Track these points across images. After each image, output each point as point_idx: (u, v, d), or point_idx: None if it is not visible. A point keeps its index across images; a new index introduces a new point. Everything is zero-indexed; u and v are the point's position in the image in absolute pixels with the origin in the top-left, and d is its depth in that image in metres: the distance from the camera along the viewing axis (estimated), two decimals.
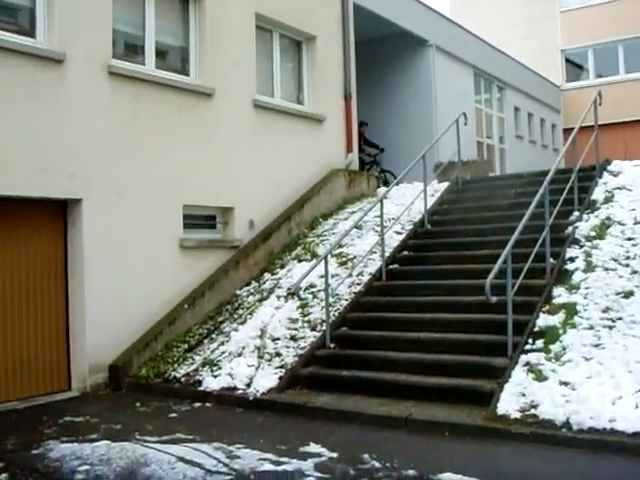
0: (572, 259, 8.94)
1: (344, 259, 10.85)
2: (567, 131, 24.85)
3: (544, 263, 8.78)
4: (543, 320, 7.88)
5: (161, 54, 10.82)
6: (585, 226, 9.57)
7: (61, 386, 9.26)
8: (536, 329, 7.79)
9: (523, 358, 7.36)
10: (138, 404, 8.48)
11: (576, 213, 9.94)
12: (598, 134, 11.29)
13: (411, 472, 5.69)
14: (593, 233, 9.38)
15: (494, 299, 7.33)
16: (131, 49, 10.56)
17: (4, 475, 5.92)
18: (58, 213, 9.33)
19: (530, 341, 7.63)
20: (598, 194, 10.51)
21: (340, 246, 10.82)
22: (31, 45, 8.76)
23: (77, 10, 9.20)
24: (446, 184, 13.14)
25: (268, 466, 5.97)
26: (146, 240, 9.92)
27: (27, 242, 8.99)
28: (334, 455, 6.21)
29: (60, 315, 9.31)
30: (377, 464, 5.93)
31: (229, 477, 5.74)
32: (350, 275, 10.20)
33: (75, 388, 9.28)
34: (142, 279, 9.82)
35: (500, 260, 7.63)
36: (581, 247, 9.14)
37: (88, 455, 6.38)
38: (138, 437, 6.94)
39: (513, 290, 7.74)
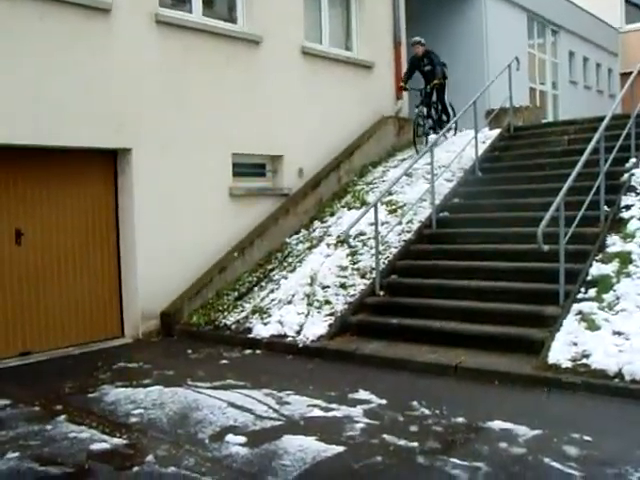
0: (627, 207, 8.70)
1: (394, 207, 10.77)
2: (625, 76, 24.15)
3: (598, 211, 8.59)
4: (596, 269, 7.73)
5: (208, 2, 10.71)
6: None
7: (114, 333, 9.46)
8: (589, 278, 7.66)
9: (575, 307, 7.26)
10: (189, 351, 8.63)
11: (633, 160, 9.67)
12: None
13: (460, 419, 5.69)
14: None
15: (546, 247, 7.22)
16: None
17: (63, 417, 6.09)
18: (109, 163, 9.41)
19: (582, 290, 7.51)
20: None
21: (390, 194, 10.74)
22: None
23: None
24: (497, 131, 12.91)
25: (317, 412, 6.03)
26: (196, 188, 9.96)
27: (79, 192, 9.12)
28: (383, 402, 6.24)
29: (112, 263, 9.47)
30: (426, 411, 5.94)
31: (279, 423, 5.81)
32: (400, 223, 10.14)
33: (128, 335, 9.47)
34: (192, 227, 9.89)
35: (552, 208, 7.49)
36: (637, 195, 8.90)
37: (142, 399, 6.52)
38: (190, 383, 7.07)
39: (566, 238, 7.61)
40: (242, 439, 5.39)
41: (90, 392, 6.85)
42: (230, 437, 5.43)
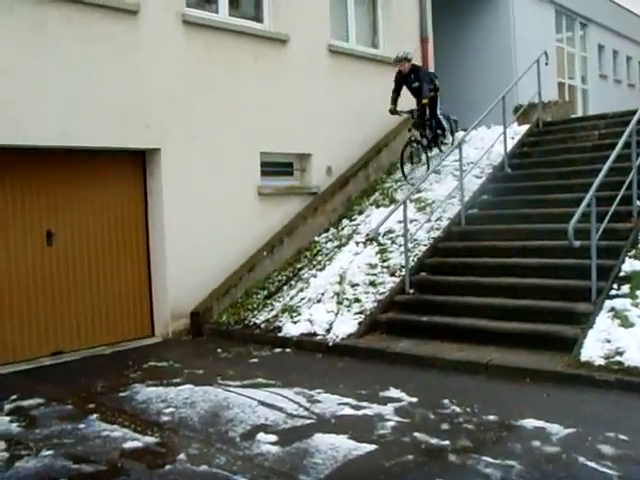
0: None
1: (423, 204, 10.72)
2: None
3: (630, 206, 8.48)
4: (629, 265, 7.64)
5: (234, 1, 10.74)
6: None
7: (145, 332, 9.51)
8: (622, 274, 7.57)
9: (608, 304, 7.18)
10: (219, 350, 8.65)
11: None
12: None
13: (492, 417, 5.64)
14: None
15: (577, 243, 7.14)
16: None
17: (95, 415, 6.14)
18: (137, 163, 9.47)
19: (615, 286, 7.43)
20: None
21: (418, 191, 10.69)
22: None
23: None
24: (526, 126, 12.80)
25: (348, 410, 6.01)
26: (224, 188, 9.99)
27: (108, 192, 9.18)
28: (414, 400, 6.21)
29: (142, 263, 9.53)
30: (457, 409, 5.90)
31: (310, 421, 5.81)
32: (429, 220, 10.09)
33: (158, 334, 9.53)
34: (221, 227, 9.92)
35: (584, 203, 7.41)
36: None
37: (172, 398, 6.55)
38: (220, 381, 7.09)
39: (597, 234, 7.52)
40: (273, 437, 5.39)
41: (121, 391, 6.89)
42: (261, 435, 5.43)
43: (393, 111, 11.69)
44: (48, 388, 7.11)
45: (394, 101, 11.69)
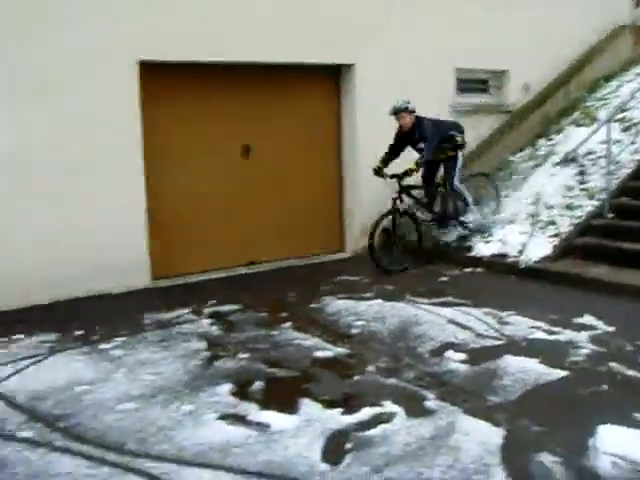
0: None
1: (627, 124, 10.03)
2: None
3: None
4: None
5: None
6: None
7: (335, 247, 9.70)
8: None
9: None
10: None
11: None
12: None
13: None
14: None
15: None
16: None
17: (288, 324, 6.40)
18: (332, 80, 9.51)
19: None
20: None
21: (623, 110, 10.00)
22: None
23: None
24: None
25: (540, 334, 5.88)
26: (418, 104, 9.70)
27: (304, 110, 9.30)
28: (610, 329, 5.96)
29: (334, 180, 9.66)
30: None
31: (500, 342, 5.73)
32: (633, 142, 9.46)
33: (348, 250, 9.69)
34: None
35: None
36: None
37: (362, 312, 6.67)
38: (409, 298, 7.13)
39: None
40: (462, 356, 5.39)
41: (313, 302, 7.10)
42: (450, 353, 5.44)
43: (377, 171, 8.61)
44: (244, 296, 7.45)
45: (385, 160, 8.66)
